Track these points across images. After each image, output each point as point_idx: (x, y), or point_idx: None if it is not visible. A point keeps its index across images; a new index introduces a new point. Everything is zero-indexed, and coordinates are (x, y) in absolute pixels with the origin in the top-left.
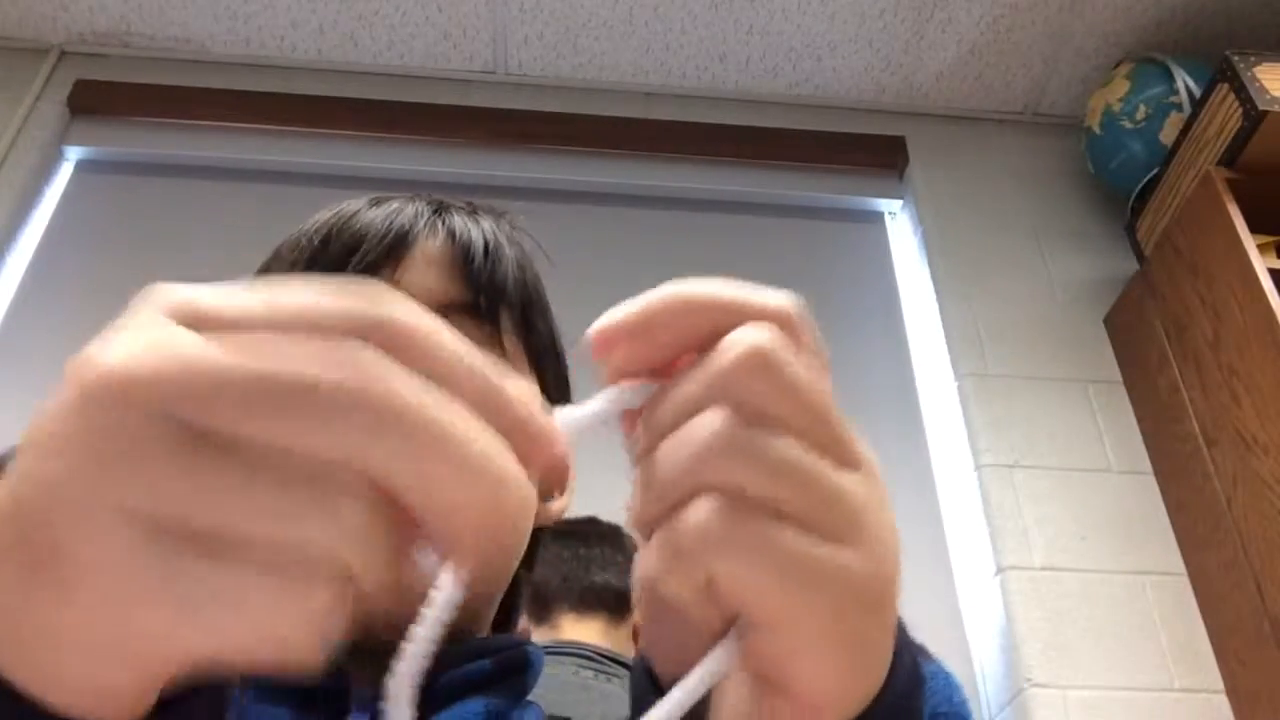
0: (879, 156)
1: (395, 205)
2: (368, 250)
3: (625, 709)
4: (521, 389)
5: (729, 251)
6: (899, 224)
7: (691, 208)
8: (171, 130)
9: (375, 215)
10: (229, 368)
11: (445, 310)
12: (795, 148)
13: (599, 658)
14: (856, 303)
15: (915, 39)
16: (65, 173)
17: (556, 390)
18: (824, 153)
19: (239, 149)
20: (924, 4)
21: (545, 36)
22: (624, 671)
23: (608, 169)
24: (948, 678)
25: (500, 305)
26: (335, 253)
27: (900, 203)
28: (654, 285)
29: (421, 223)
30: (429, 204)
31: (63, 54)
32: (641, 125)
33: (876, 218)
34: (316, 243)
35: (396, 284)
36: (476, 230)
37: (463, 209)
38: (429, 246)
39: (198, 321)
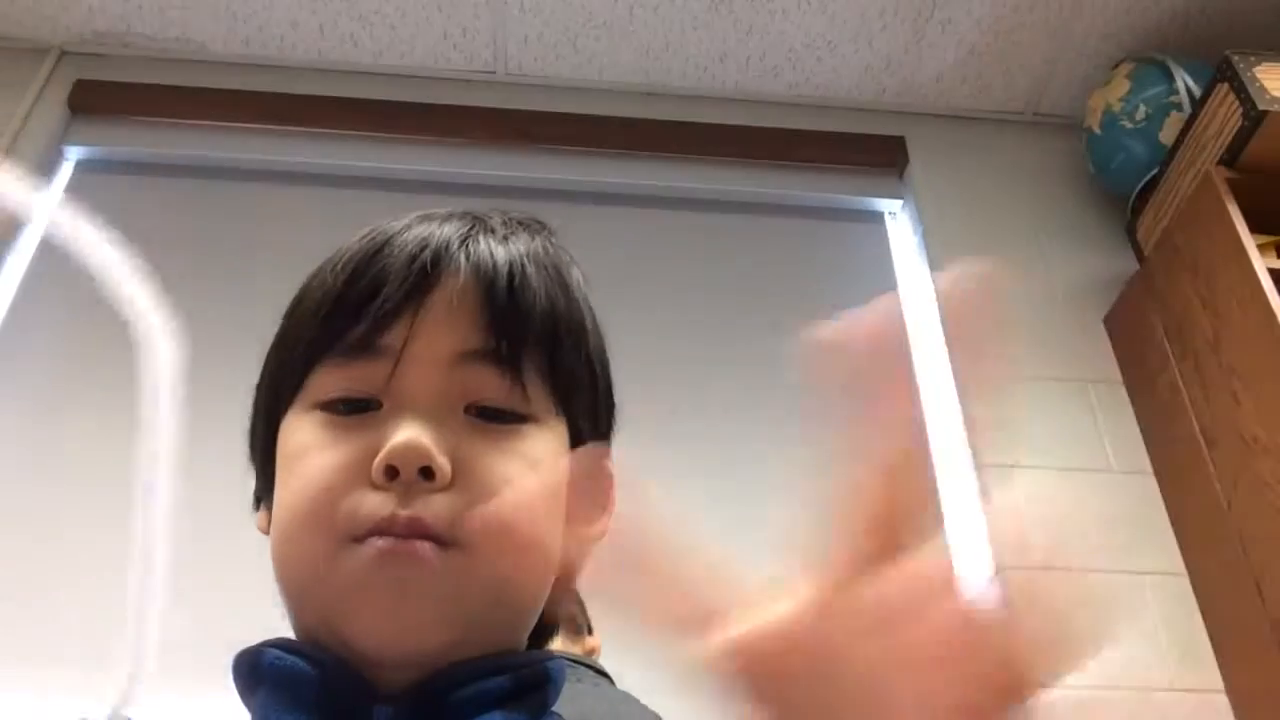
0: (879, 156)
1: (425, 231)
2: (388, 297)
3: (603, 704)
4: None
5: (729, 251)
6: (899, 224)
7: (691, 208)
8: (171, 130)
9: (400, 249)
10: None
11: (464, 359)
12: (795, 148)
13: (568, 661)
14: (856, 303)
15: (915, 39)
16: (65, 173)
17: (595, 423)
18: (824, 153)
19: (239, 149)
20: (924, 4)
21: (545, 36)
22: (591, 674)
23: (608, 169)
24: None
25: (522, 350)
26: (357, 298)
27: (900, 203)
28: (654, 285)
29: (446, 257)
30: (463, 223)
31: (63, 54)
32: (641, 125)
33: (876, 218)
34: (340, 283)
35: (414, 336)
36: (504, 258)
37: (495, 229)
38: (449, 288)
39: None
